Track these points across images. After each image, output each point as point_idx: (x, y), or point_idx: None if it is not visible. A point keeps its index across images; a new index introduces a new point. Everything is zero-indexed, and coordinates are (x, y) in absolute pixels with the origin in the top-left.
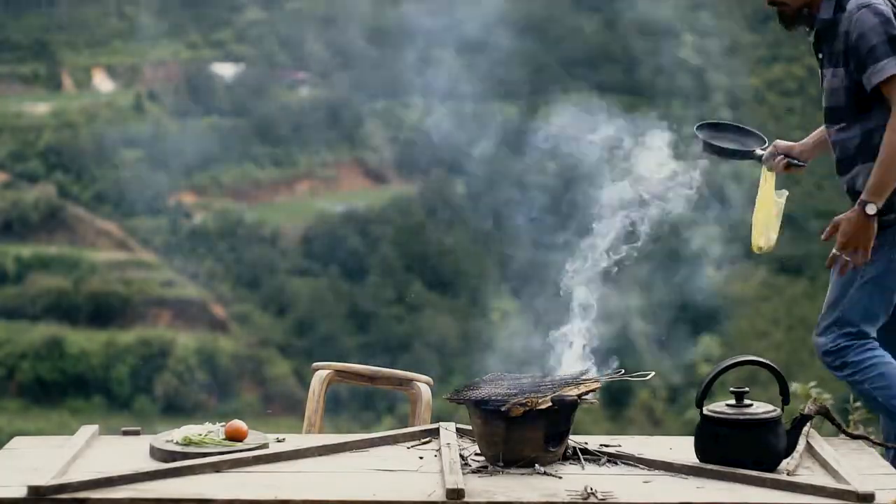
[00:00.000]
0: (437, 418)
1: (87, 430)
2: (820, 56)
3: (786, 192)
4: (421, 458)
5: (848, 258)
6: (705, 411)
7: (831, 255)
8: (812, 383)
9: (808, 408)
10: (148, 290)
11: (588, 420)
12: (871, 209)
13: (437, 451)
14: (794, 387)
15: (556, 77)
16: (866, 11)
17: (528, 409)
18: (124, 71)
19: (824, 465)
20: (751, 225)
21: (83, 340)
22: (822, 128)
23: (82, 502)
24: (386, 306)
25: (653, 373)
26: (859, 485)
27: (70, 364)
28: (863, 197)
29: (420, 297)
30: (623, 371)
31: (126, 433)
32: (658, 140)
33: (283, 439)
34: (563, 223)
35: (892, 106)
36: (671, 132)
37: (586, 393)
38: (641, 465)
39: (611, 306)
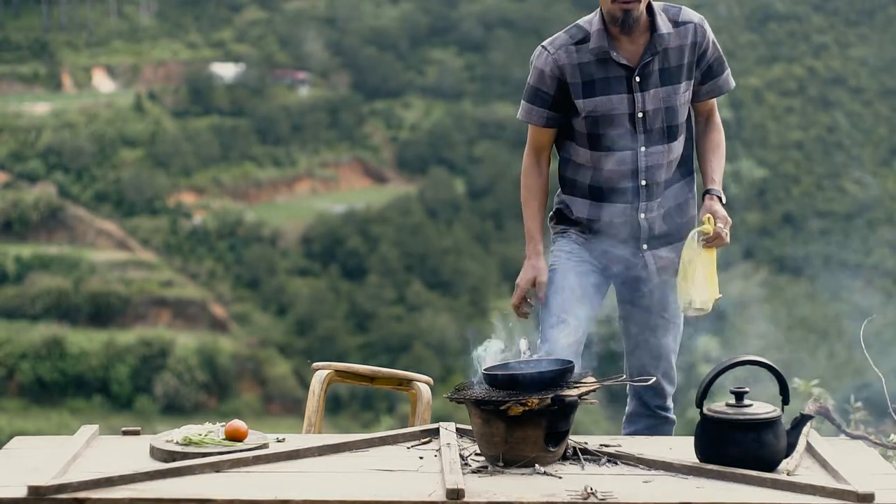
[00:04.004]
0: (437, 418)
1: (87, 430)
2: (641, 75)
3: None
4: (421, 458)
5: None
6: (705, 411)
7: (718, 235)
8: (815, 381)
9: (808, 408)
10: (148, 290)
11: (588, 420)
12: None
13: (437, 451)
14: (797, 383)
15: None
16: (705, 23)
17: (528, 409)
18: (124, 71)
19: (824, 465)
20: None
21: (83, 340)
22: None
23: (82, 502)
24: (386, 306)
25: (654, 378)
26: (859, 485)
27: (70, 364)
28: (717, 189)
29: (420, 297)
30: (624, 375)
31: (126, 433)
32: None
33: (283, 439)
34: None
35: (713, 111)
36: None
37: (586, 393)
38: (641, 465)
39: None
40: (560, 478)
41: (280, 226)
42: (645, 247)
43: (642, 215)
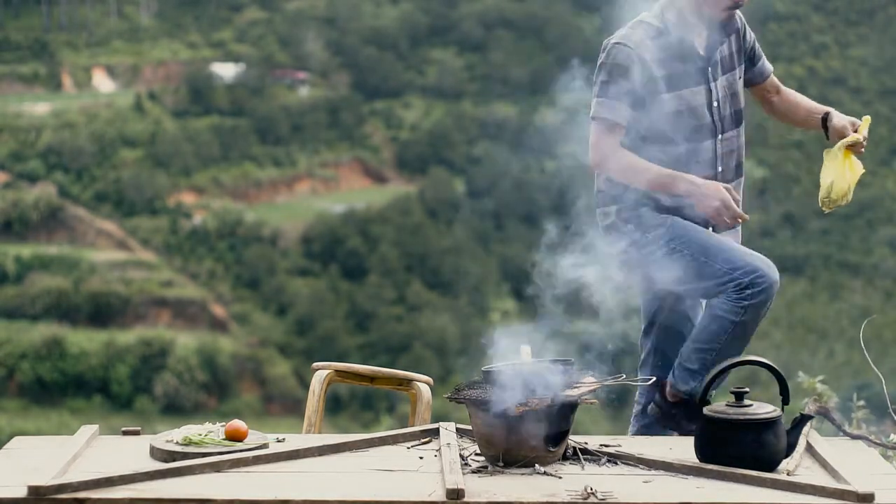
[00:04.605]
0: (437, 418)
1: (87, 430)
2: (710, 59)
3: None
4: (421, 458)
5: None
6: (705, 411)
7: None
8: (820, 377)
9: (808, 408)
10: (148, 290)
11: (588, 420)
12: None
13: (437, 451)
14: (801, 378)
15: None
16: None
17: (528, 409)
18: (124, 71)
19: (824, 465)
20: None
21: (83, 340)
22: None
23: (82, 502)
24: (386, 306)
25: (654, 378)
26: (859, 485)
27: (70, 364)
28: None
29: (420, 297)
30: (624, 376)
31: (126, 433)
32: None
33: (283, 439)
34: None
35: (777, 84)
36: None
37: (586, 393)
38: (641, 465)
39: (610, 307)
40: (560, 478)
41: (280, 226)
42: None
43: None
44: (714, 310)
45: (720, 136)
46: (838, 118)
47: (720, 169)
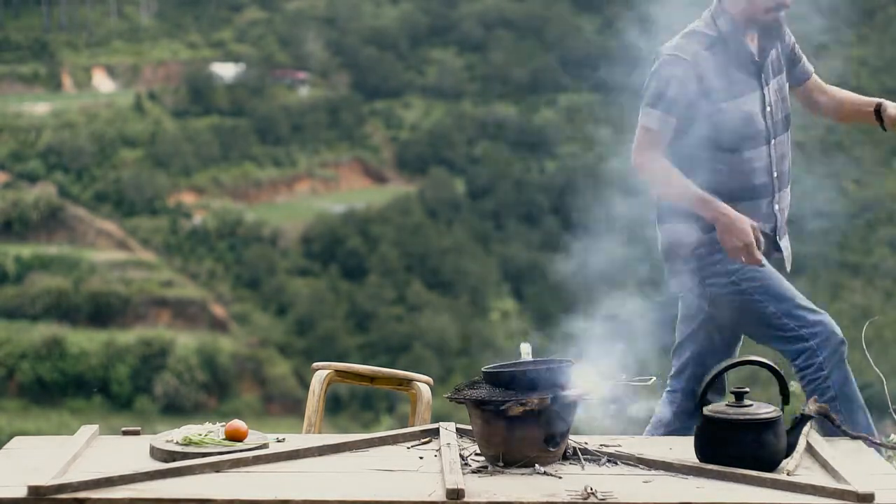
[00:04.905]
0: (437, 418)
1: (87, 430)
2: (763, 65)
3: None
4: (421, 458)
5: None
6: (705, 411)
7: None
8: None
9: (808, 408)
10: (148, 290)
11: (588, 420)
12: None
13: (437, 451)
14: (795, 386)
15: (556, 77)
16: None
17: (528, 409)
18: (124, 71)
19: (824, 465)
20: None
21: (83, 340)
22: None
23: (82, 502)
24: (386, 306)
25: (654, 378)
26: (859, 485)
27: (70, 364)
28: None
29: (420, 297)
30: (624, 376)
31: (126, 433)
32: None
33: (283, 439)
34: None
35: (822, 84)
36: None
37: (586, 393)
38: (641, 465)
39: (611, 306)
40: (560, 478)
41: (280, 226)
42: (779, 238)
43: (776, 206)
44: (808, 395)
45: (773, 141)
46: (892, 107)
47: (775, 174)
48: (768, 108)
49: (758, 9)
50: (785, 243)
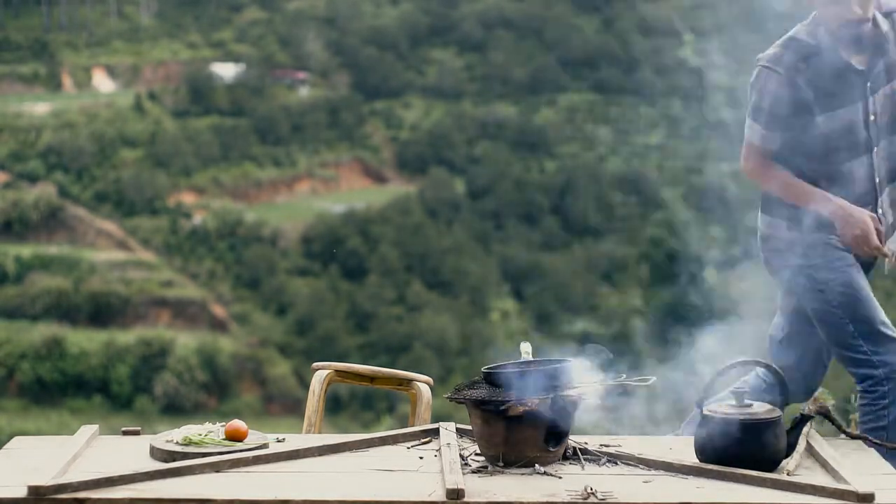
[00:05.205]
0: (437, 418)
1: (87, 430)
2: (869, 74)
3: None
4: (421, 458)
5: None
6: (705, 411)
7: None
8: None
9: (808, 408)
10: (148, 290)
11: (588, 420)
12: None
13: (437, 451)
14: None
15: (556, 77)
16: None
17: (528, 409)
18: (124, 71)
19: (824, 465)
20: None
21: (83, 340)
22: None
23: (82, 502)
24: (386, 306)
25: (653, 378)
26: (859, 485)
27: (70, 364)
28: None
29: (420, 297)
30: (624, 376)
31: (126, 433)
32: None
33: (283, 439)
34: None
35: None
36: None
37: (586, 393)
38: (641, 465)
39: (611, 306)
40: (560, 478)
41: (280, 226)
42: (884, 241)
43: (879, 211)
44: (861, 426)
45: (875, 149)
46: None
47: (877, 180)
48: (872, 117)
49: (835, 17)
50: (892, 245)
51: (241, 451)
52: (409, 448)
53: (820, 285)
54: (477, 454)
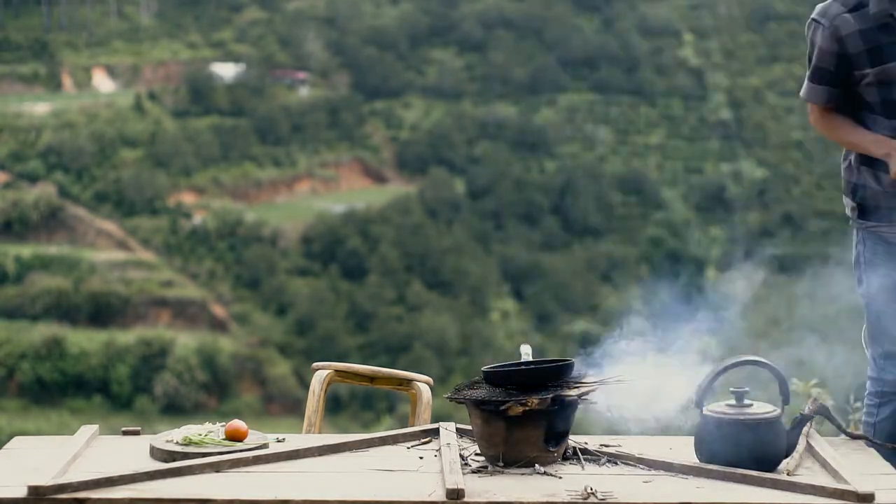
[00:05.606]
0: (437, 418)
1: (87, 430)
2: None
3: None
4: (421, 458)
5: None
6: (705, 411)
7: None
8: (813, 380)
9: (808, 408)
10: (148, 290)
11: (588, 420)
12: None
13: (437, 451)
14: (796, 384)
15: (556, 77)
16: None
17: (528, 409)
18: (124, 71)
19: (824, 465)
20: None
21: (83, 340)
22: None
23: (82, 502)
24: (386, 306)
25: (653, 378)
26: (859, 485)
27: (70, 364)
28: None
29: (420, 297)
30: (623, 376)
31: (126, 433)
32: None
33: (283, 439)
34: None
35: None
36: None
37: (586, 393)
38: (641, 465)
39: (611, 306)
40: (560, 478)
41: (280, 226)
42: None
43: None
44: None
45: None
46: None
47: None
48: None
49: None
50: None
51: (241, 451)
52: (409, 448)
53: (862, 285)
54: (477, 454)
